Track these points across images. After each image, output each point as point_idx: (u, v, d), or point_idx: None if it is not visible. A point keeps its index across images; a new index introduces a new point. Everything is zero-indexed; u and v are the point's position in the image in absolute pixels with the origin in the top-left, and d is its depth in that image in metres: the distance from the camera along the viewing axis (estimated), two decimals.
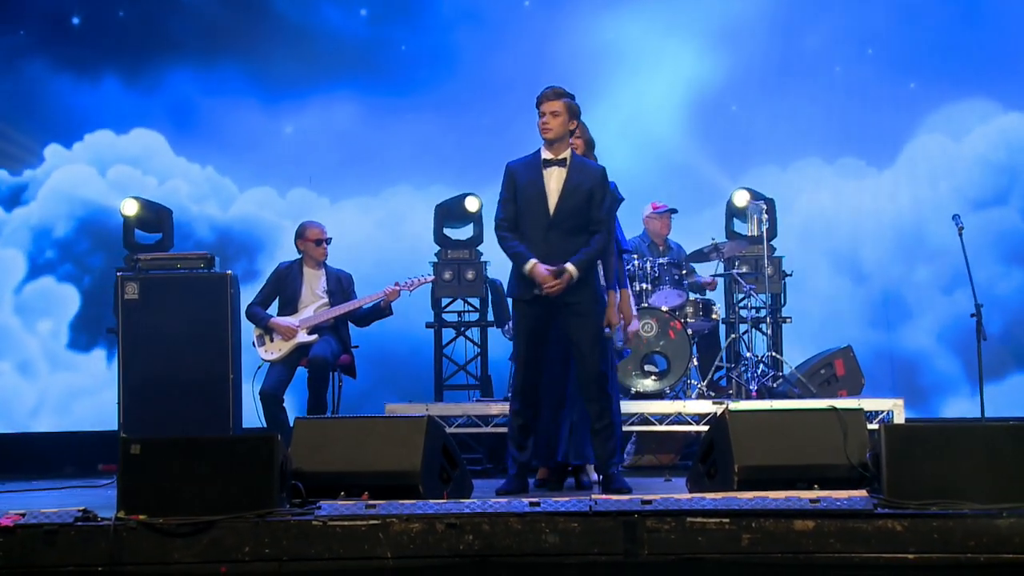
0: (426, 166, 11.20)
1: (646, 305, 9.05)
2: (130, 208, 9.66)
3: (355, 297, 8.70)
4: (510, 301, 6.80)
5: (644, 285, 9.16)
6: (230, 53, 11.44)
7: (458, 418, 8.83)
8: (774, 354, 9.71)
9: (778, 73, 11.13)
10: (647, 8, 11.21)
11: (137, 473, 5.27)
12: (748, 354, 9.47)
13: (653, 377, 8.99)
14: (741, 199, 9.98)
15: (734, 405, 8.15)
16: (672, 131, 11.03)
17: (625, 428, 8.57)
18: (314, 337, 8.50)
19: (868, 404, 8.51)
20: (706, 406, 8.70)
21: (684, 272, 9.46)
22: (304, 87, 11.37)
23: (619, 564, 5.14)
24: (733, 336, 9.81)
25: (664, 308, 9.10)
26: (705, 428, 8.08)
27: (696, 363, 9.25)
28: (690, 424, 8.72)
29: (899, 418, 8.55)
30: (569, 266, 6.45)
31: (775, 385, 9.36)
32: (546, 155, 6.54)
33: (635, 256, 9.19)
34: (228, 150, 11.42)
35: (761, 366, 9.45)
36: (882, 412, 8.61)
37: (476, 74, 11.20)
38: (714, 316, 9.62)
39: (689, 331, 9.08)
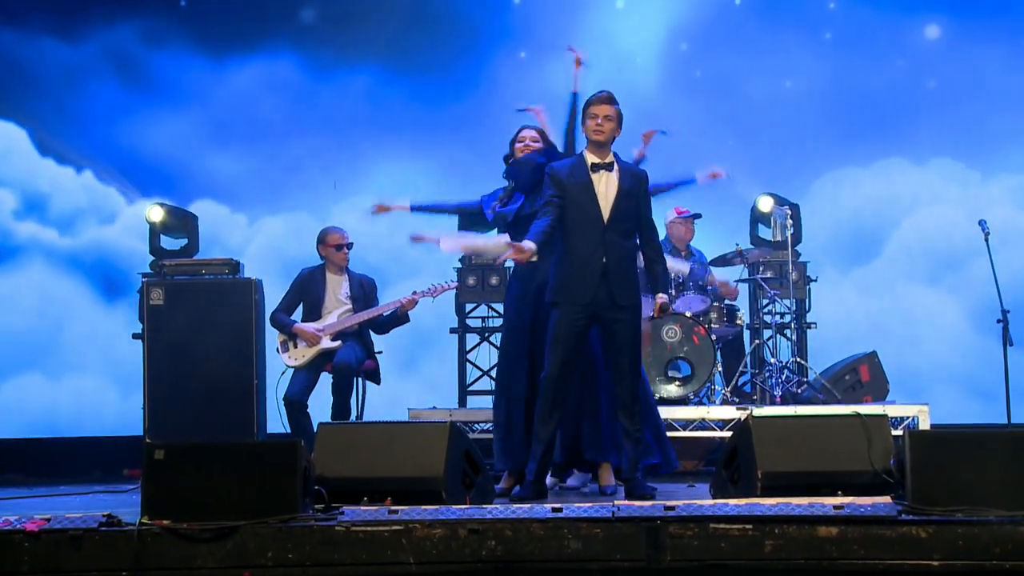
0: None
1: (670, 311, 9.04)
2: (156, 214, 9.69)
3: (378, 302, 8.71)
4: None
5: (668, 291, 9.15)
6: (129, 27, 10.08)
7: (481, 423, 8.84)
8: (799, 360, 9.68)
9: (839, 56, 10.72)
10: None
11: (161, 478, 5.29)
12: (772, 360, 9.45)
13: (677, 383, 8.98)
14: (765, 204, 9.95)
15: (758, 411, 8.15)
16: (741, 123, 10.80)
17: None
18: (338, 343, 8.52)
19: (893, 410, 8.49)
20: (730, 412, 8.70)
21: (708, 277, 9.45)
22: (234, 64, 10.35)
23: (642, 570, 5.13)
24: (757, 342, 9.78)
25: (688, 314, 9.09)
26: (729, 434, 8.05)
27: (720, 369, 9.24)
28: (714, 430, 8.71)
29: (924, 424, 8.52)
30: (662, 297, 6.67)
31: (799, 391, 9.33)
32: (593, 159, 6.52)
33: None
34: (116, 150, 10.21)
35: (785, 372, 9.42)
36: (907, 418, 8.58)
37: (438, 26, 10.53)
38: (738, 322, 9.60)
39: (713, 337, 9.06)
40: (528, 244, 6.37)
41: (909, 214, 10.91)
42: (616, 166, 6.55)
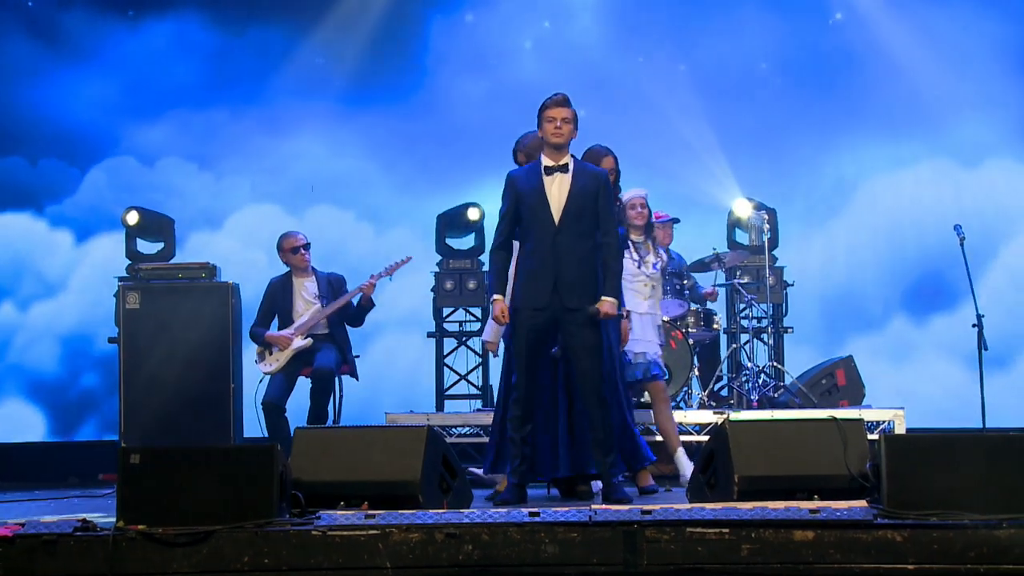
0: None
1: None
2: (132, 218, 9.64)
3: None
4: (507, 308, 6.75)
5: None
6: None
7: (459, 428, 8.85)
8: (775, 364, 9.71)
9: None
10: None
11: (136, 483, 5.27)
12: (749, 364, 9.47)
13: None
14: (743, 209, 9.97)
15: (735, 415, 8.18)
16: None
17: None
18: (308, 341, 8.49)
19: (869, 414, 8.53)
20: (707, 416, 8.71)
21: (685, 282, 9.46)
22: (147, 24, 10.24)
23: (618, 574, 5.13)
24: (734, 346, 9.81)
25: (665, 318, 9.09)
26: (706, 438, 8.07)
27: (697, 373, 9.25)
28: (691, 434, 8.72)
29: (900, 428, 8.55)
30: (607, 300, 6.49)
31: (776, 395, 9.36)
32: (547, 162, 6.53)
33: None
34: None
35: (762, 376, 9.45)
36: (883, 422, 8.61)
37: None
38: (715, 326, 9.61)
39: (690, 341, 9.07)
40: (497, 305, 6.52)
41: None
42: (571, 167, 6.54)
